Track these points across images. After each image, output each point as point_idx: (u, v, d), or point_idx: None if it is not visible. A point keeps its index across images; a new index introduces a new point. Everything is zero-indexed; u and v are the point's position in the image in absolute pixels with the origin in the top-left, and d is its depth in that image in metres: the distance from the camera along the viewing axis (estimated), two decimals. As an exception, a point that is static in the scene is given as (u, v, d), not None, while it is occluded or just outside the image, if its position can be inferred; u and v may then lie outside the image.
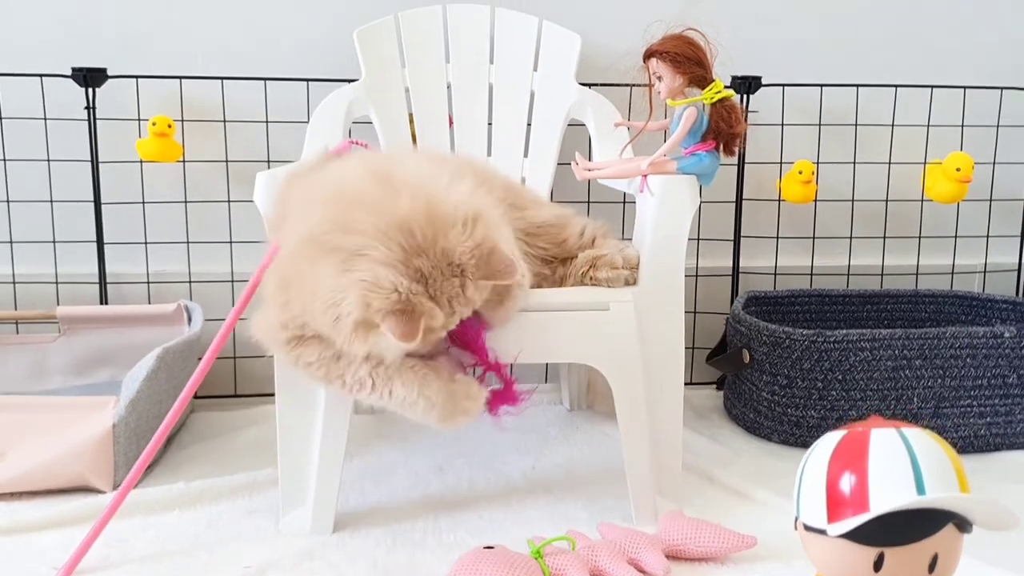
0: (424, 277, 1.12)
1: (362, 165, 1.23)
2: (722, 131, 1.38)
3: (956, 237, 2.08)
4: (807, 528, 0.82)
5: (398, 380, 1.21)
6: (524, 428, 1.77)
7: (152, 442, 1.31)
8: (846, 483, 0.79)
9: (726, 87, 1.38)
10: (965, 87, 1.98)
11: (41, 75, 1.80)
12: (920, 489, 0.77)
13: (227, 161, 1.89)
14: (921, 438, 0.80)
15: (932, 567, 0.80)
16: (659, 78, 1.39)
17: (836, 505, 0.79)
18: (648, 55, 1.40)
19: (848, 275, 2.07)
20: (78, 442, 1.45)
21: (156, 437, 1.31)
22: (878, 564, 0.79)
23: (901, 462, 0.78)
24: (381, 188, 1.17)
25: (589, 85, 1.80)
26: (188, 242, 1.91)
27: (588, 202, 1.92)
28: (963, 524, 0.80)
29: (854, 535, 0.78)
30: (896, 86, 1.96)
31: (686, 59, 1.37)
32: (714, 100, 1.37)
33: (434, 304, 1.13)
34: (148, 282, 1.91)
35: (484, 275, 1.15)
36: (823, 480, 0.81)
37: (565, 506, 1.43)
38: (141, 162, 1.85)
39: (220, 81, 1.85)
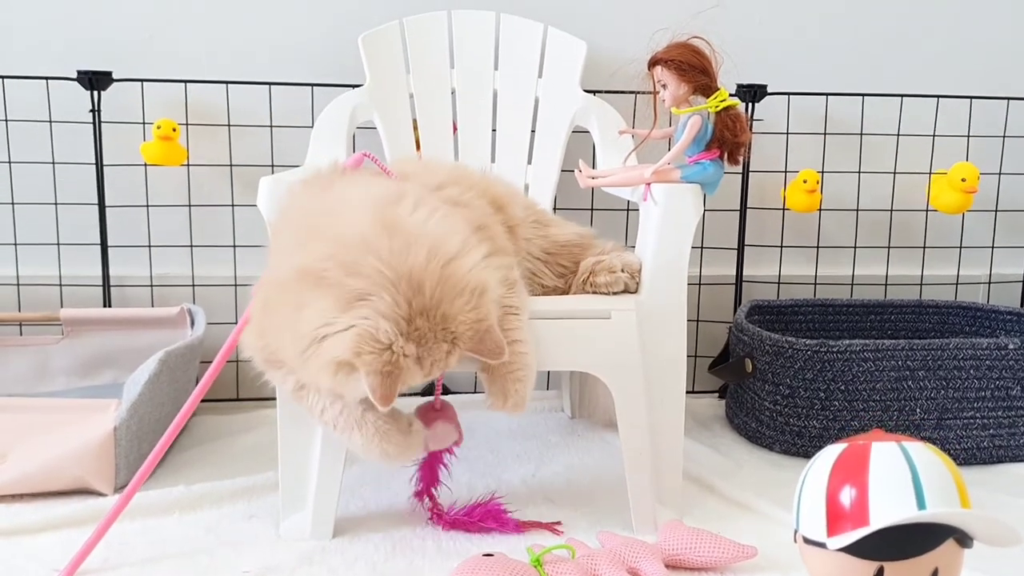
0: (420, 338, 1.11)
1: (370, 208, 1.19)
2: (727, 140, 1.38)
3: (961, 247, 2.08)
4: (806, 541, 0.82)
5: (359, 432, 1.23)
6: (525, 435, 1.77)
7: (158, 447, 1.31)
8: (846, 496, 0.79)
9: (731, 95, 1.38)
10: (971, 97, 1.98)
11: (46, 78, 1.80)
12: (921, 504, 0.76)
13: (231, 165, 1.89)
14: (922, 452, 0.80)
15: (932, 582, 0.79)
16: (664, 86, 1.39)
17: (836, 519, 0.79)
18: (653, 63, 1.40)
19: (852, 285, 2.06)
20: (79, 444, 1.45)
21: (161, 443, 1.31)
22: (877, 578, 0.79)
23: (902, 476, 0.78)
24: (392, 238, 1.14)
25: (594, 92, 1.80)
26: (191, 246, 1.91)
27: (591, 210, 1.92)
28: (964, 539, 0.79)
29: (854, 549, 0.78)
30: (902, 95, 1.96)
31: (691, 67, 1.37)
32: (719, 108, 1.37)
33: (418, 367, 1.12)
34: (151, 285, 1.92)
35: (474, 350, 1.15)
36: (823, 493, 0.80)
37: (565, 514, 1.42)
38: (145, 165, 1.85)
39: (225, 85, 1.85)
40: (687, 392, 1.42)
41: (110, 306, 1.88)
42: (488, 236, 1.29)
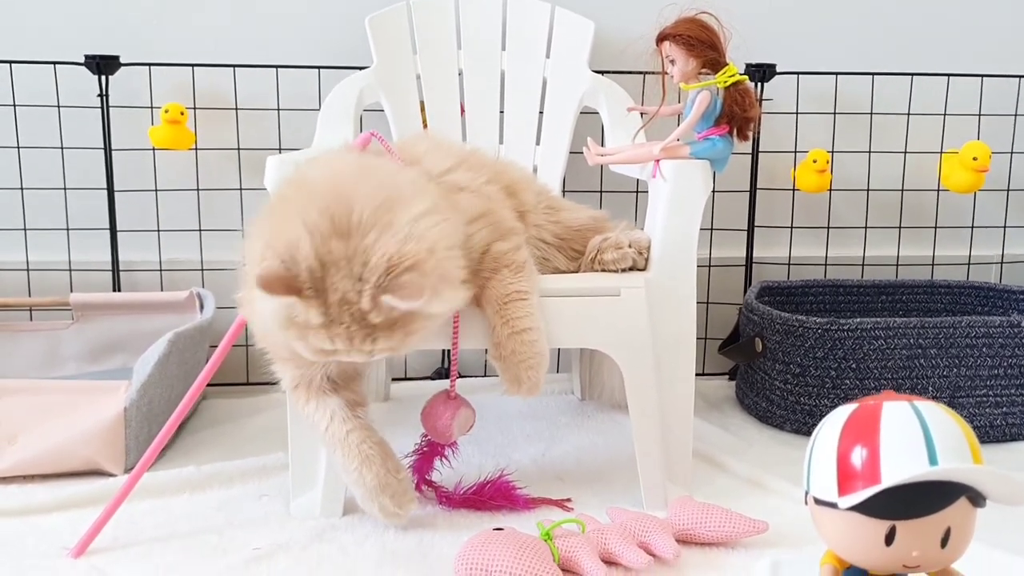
0: (329, 264, 1.03)
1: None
2: (736, 115, 1.37)
3: (972, 227, 2.06)
4: (817, 502, 0.81)
5: (340, 450, 1.24)
6: (535, 416, 1.76)
7: (166, 427, 1.31)
8: (857, 455, 0.78)
9: (740, 73, 1.37)
10: (982, 75, 1.96)
11: (54, 62, 1.80)
12: (932, 460, 0.76)
13: (239, 149, 1.89)
14: (934, 411, 0.79)
15: (944, 542, 0.79)
16: (672, 61, 1.38)
17: (847, 478, 0.78)
18: (661, 38, 1.39)
19: (863, 265, 2.05)
20: (89, 426, 1.45)
21: (170, 423, 1.32)
22: (889, 538, 0.78)
23: (913, 434, 0.77)
24: (348, 175, 1.13)
25: (602, 72, 1.80)
26: (200, 230, 1.91)
27: (600, 192, 1.91)
28: (976, 498, 0.78)
29: (865, 508, 0.77)
30: (912, 74, 1.94)
31: (699, 42, 1.36)
32: (728, 84, 1.36)
33: (323, 302, 1.04)
34: (160, 269, 1.92)
35: (386, 288, 1.03)
36: (834, 453, 0.80)
37: (575, 492, 1.42)
38: (154, 150, 1.85)
39: (232, 69, 1.85)
40: (697, 374, 1.41)
41: (119, 291, 1.89)
42: (490, 222, 1.28)
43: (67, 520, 1.32)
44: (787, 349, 1.67)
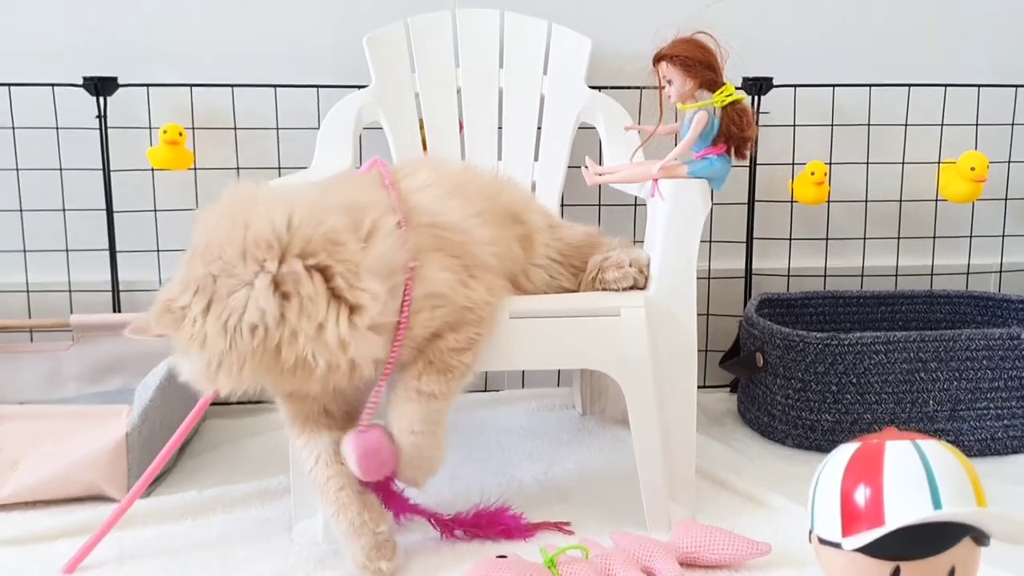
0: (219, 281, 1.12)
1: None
2: (733, 135, 1.37)
3: (971, 237, 2.06)
4: (822, 541, 0.82)
5: (321, 494, 1.24)
6: (536, 433, 1.76)
7: (163, 451, 1.32)
8: (861, 496, 0.78)
9: (737, 89, 1.38)
10: (979, 85, 1.96)
11: (52, 84, 1.80)
12: (936, 503, 0.76)
13: (238, 168, 1.89)
14: (937, 450, 0.79)
15: (949, 581, 0.79)
16: (669, 82, 1.38)
17: (851, 519, 0.79)
18: (658, 59, 1.39)
19: (862, 276, 2.05)
20: (91, 451, 1.45)
21: (168, 447, 1.32)
22: (894, 578, 0.78)
23: (917, 475, 0.77)
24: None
25: (599, 88, 1.80)
26: (200, 249, 1.91)
27: (599, 206, 1.91)
28: (980, 537, 0.79)
29: (869, 549, 0.77)
30: (909, 85, 1.95)
31: (696, 63, 1.36)
32: (725, 103, 1.36)
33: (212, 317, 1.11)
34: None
35: None
36: (837, 493, 0.80)
37: (578, 513, 1.42)
38: (152, 170, 1.85)
39: (230, 89, 1.85)
40: (698, 387, 1.41)
41: (120, 311, 1.89)
42: (447, 302, 1.23)
43: (70, 546, 1.31)
44: (788, 364, 1.67)
